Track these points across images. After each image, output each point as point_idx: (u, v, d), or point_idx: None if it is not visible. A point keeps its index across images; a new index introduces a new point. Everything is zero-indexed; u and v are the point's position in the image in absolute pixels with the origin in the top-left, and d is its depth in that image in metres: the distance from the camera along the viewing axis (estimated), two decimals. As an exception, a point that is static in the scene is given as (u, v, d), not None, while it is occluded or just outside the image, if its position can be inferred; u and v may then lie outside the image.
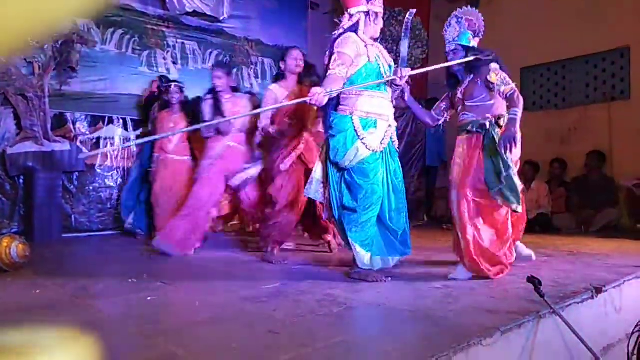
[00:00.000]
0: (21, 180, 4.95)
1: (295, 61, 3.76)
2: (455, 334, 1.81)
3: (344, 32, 2.83)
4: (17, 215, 4.93)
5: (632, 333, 2.46)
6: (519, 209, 2.79)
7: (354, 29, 2.85)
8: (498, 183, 2.73)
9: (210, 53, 6.35)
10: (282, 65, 3.81)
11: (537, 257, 3.63)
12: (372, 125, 2.81)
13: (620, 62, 6.14)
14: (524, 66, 6.83)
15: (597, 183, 5.83)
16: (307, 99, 2.59)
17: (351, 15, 2.88)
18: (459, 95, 3.06)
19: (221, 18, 6.34)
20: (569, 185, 6.13)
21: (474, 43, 3.06)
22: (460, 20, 3.08)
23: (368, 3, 2.88)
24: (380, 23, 2.92)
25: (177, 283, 2.84)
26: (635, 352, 2.37)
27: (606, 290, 2.54)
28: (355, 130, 2.77)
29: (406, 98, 3.11)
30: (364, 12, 2.86)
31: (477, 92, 2.96)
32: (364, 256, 2.82)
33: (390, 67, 2.94)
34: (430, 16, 7.28)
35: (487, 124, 2.86)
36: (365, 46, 2.81)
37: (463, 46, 3.04)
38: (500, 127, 2.83)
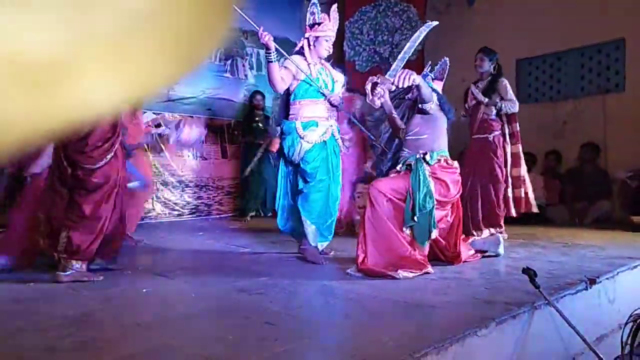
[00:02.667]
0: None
1: None
2: (450, 324, 1.83)
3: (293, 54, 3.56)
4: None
5: (626, 323, 2.49)
6: (425, 251, 2.84)
7: (300, 52, 3.50)
8: (411, 220, 2.80)
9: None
10: None
11: (532, 248, 3.66)
12: (313, 125, 3.39)
13: (615, 54, 6.14)
14: (519, 58, 6.83)
15: (591, 175, 5.85)
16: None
17: (299, 42, 3.58)
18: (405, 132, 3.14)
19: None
20: (563, 177, 6.16)
21: (434, 84, 3.11)
22: (428, 64, 3.23)
23: (311, 30, 3.48)
24: (323, 44, 3.45)
25: (173, 275, 2.83)
26: (629, 341, 2.39)
27: (600, 282, 2.56)
28: (298, 133, 3.37)
29: (381, 102, 3.20)
30: (306, 39, 3.48)
31: (413, 125, 3.06)
32: (312, 232, 3.32)
33: (333, 82, 3.53)
34: (427, 7, 7.26)
35: (413, 163, 2.90)
36: (308, 65, 3.42)
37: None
38: (427, 163, 2.90)
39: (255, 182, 6.03)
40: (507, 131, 4.19)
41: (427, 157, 2.91)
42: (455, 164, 3.05)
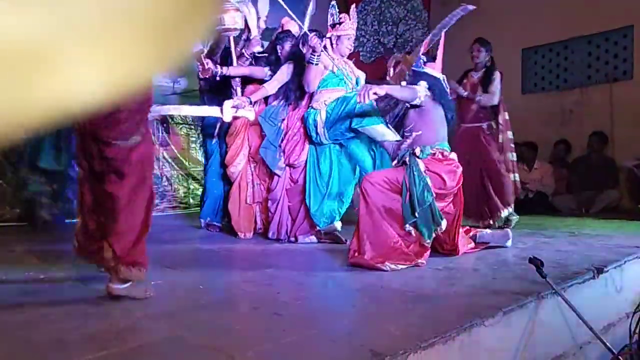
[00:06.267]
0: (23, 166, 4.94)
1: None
2: (457, 314, 1.83)
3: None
4: (19, 201, 4.94)
5: (635, 312, 2.48)
6: (428, 243, 2.80)
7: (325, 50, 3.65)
8: (413, 217, 2.76)
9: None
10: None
11: (539, 238, 3.65)
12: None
13: (623, 42, 6.08)
14: (525, 47, 6.78)
15: (598, 164, 5.82)
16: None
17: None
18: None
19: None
20: (570, 166, 6.12)
21: (427, 68, 3.10)
22: (419, 51, 3.26)
23: (332, 29, 3.65)
24: (344, 42, 3.65)
25: (181, 268, 2.85)
26: (637, 330, 2.39)
27: (607, 271, 2.55)
28: (315, 108, 3.60)
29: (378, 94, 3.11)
30: (328, 38, 3.66)
31: (409, 120, 3.04)
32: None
33: (357, 80, 3.72)
34: (431, -3, 7.20)
35: (407, 159, 2.87)
36: (332, 60, 3.61)
37: (414, 72, 3.13)
38: (417, 157, 2.87)
39: None
40: (497, 119, 4.40)
41: (417, 152, 2.88)
42: (452, 155, 3.01)
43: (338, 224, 3.62)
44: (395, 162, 3.04)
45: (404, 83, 3.22)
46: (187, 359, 1.48)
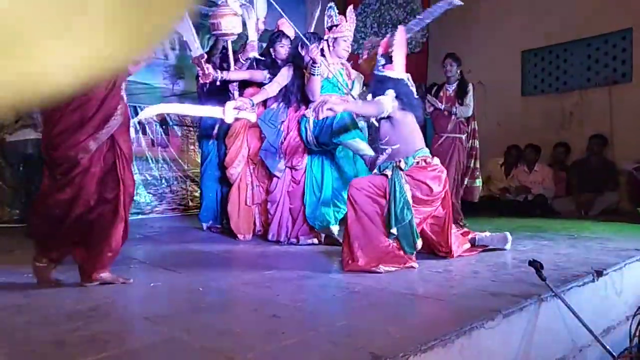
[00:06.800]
0: (22, 168, 4.94)
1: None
2: (457, 317, 1.83)
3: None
4: (18, 203, 4.93)
5: (635, 315, 2.48)
6: (412, 258, 2.78)
7: (322, 54, 3.58)
8: (392, 234, 2.75)
9: (209, 38, 6.28)
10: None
11: (538, 240, 3.65)
12: None
13: (622, 45, 6.08)
14: (524, 49, 6.78)
15: (597, 166, 5.82)
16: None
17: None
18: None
19: (219, 2, 6.25)
20: (569, 169, 6.12)
21: (386, 71, 3.03)
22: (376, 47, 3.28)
23: (329, 32, 3.63)
24: (341, 44, 3.62)
25: (180, 270, 2.84)
26: (637, 333, 2.39)
27: (607, 274, 2.55)
28: (306, 117, 3.65)
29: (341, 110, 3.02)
30: (325, 41, 3.62)
31: (382, 133, 3.00)
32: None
33: (353, 82, 3.81)
34: (431, -1, 7.21)
35: (390, 171, 2.83)
36: (327, 66, 3.58)
37: (376, 76, 3.07)
38: (402, 169, 2.83)
39: None
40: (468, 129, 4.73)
41: (402, 165, 2.85)
42: (435, 160, 2.96)
43: (335, 228, 3.60)
44: (375, 170, 3.02)
45: (369, 97, 3.08)
46: (187, 361, 1.48)
